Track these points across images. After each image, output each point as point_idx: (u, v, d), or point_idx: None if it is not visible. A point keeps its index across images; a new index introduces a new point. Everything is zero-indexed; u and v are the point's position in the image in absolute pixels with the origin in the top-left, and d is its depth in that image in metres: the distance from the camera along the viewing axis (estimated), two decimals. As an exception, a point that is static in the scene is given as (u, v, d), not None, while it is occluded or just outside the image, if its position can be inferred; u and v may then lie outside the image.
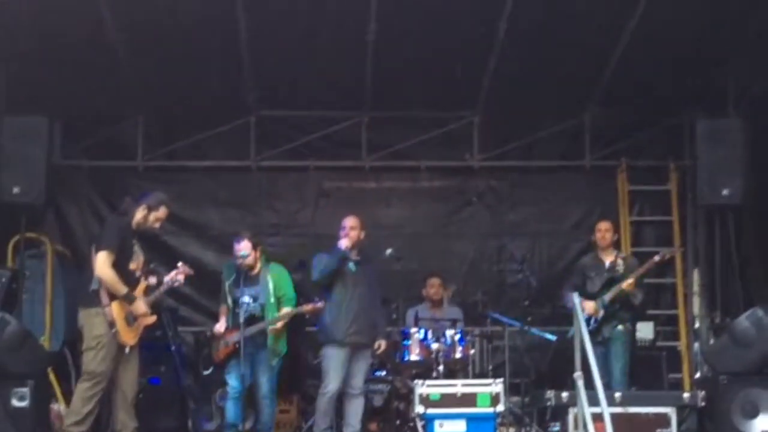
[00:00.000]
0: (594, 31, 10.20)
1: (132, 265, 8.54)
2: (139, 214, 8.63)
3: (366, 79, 10.97)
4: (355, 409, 9.40)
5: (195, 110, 11.49)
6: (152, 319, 8.73)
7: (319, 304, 9.35)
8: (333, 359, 9.33)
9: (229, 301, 9.53)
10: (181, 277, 8.93)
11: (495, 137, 11.83)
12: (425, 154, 11.81)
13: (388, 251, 9.74)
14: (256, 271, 9.53)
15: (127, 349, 8.47)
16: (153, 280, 8.85)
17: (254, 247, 9.54)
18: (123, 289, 8.36)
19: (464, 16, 9.95)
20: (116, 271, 8.34)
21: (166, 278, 8.89)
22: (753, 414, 8.91)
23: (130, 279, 8.49)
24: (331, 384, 9.29)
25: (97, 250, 8.37)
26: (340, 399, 9.55)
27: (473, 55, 10.60)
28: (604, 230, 9.97)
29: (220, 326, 9.50)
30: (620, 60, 10.54)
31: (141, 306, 8.47)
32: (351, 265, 9.41)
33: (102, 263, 8.31)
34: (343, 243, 9.38)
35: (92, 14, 9.58)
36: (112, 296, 8.36)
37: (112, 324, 8.34)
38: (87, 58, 10.19)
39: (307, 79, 10.92)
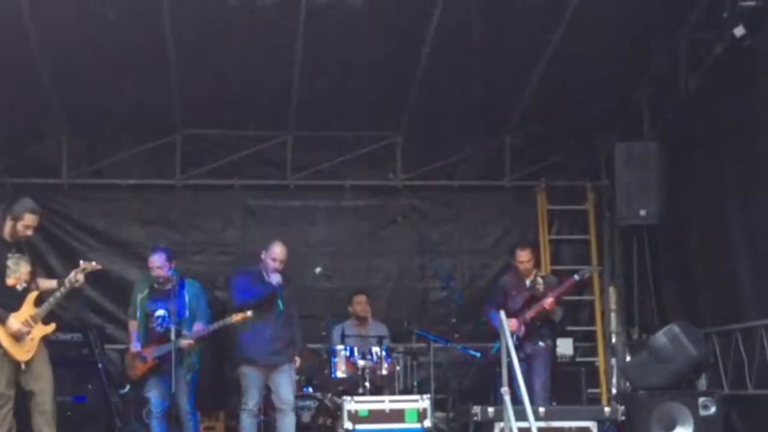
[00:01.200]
0: (514, 54, 10.51)
1: (9, 281, 8.31)
2: (7, 226, 8.39)
3: (291, 99, 11.10)
4: (287, 425, 9.41)
5: (121, 128, 11.48)
6: (48, 329, 8.47)
7: (249, 313, 9.28)
8: (251, 377, 9.40)
9: (139, 314, 9.47)
10: (80, 277, 8.51)
11: (418, 157, 12.01)
12: (349, 173, 11.96)
13: (318, 269, 9.84)
14: (170, 285, 9.48)
15: (22, 366, 8.26)
16: (52, 283, 8.59)
17: (168, 260, 9.53)
18: None
19: (388, 38, 10.17)
20: None
21: (65, 280, 8.51)
22: (670, 427, 9.19)
23: (8, 295, 8.28)
24: (251, 400, 9.35)
25: None
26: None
27: (396, 77, 10.80)
28: (525, 261, 10.14)
29: (136, 345, 9.43)
30: (539, 83, 10.85)
31: (12, 324, 8.18)
32: (280, 302, 9.45)
33: None
34: (275, 279, 9.41)
35: (16, 33, 9.55)
36: None
37: None
38: (10, 76, 10.13)
39: (232, 98, 11.00)
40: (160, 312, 9.41)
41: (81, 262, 8.67)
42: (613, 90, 11.12)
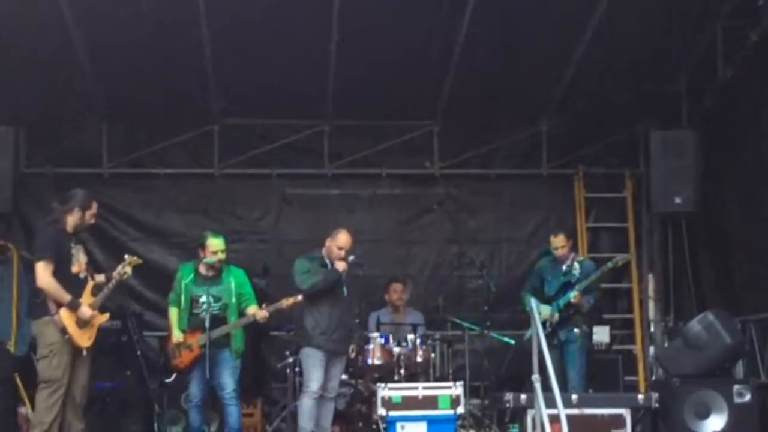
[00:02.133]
0: (551, 42, 10.49)
1: (74, 269, 8.57)
2: (75, 217, 8.64)
3: (328, 89, 11.16)
4: (327, 412, 9.48)
5: (159, 118, 11.59)
6: (104, 317, 8.75)
7: (299, 297, 9.33)
8: (313, 359, 9.37)
9: (183, 300, 9.46)
10: (128, 269, 8.74)
11: (454, 146, 12.04)
12: (386, 162, 11.99)
13: (351, 257, 9.87)
14: (216, 271, 9.52)
15: (84, 352, 8.55)
16: (101, 277, 8.83)
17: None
18: (66, 297, 8.41)
19: (425, 26, 10.21)
20: (58, 279, 8.41)
21: (114, 273, 8.74)
22: (705, 415, 9.15)
23: (74, 283, 8.53)
24: (313, 383, 9.32)
25: (35, 261, 8.47)
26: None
27: (434, 66, 10.83)
28: (559, 246, 10.14)
29: (179, 335, 9.42)
30: (577, 71, 10.84)
31: (86, 311, 8.47)
32: (344, 290, 9.48)
33: (41, 274, 8.39)
34: (341, 267, 9.44)
35: (56, 23, 9.71)
36: (60, 303, 8.44)
37: (63, 331, 8.41)
38: (51, 66, 10.32)
39: (270, 88, 11.03)
40: (206, 298, 9.39)
41: (126, 256, 8.88)
42: (652, 78, 11.04)
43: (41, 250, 8.51)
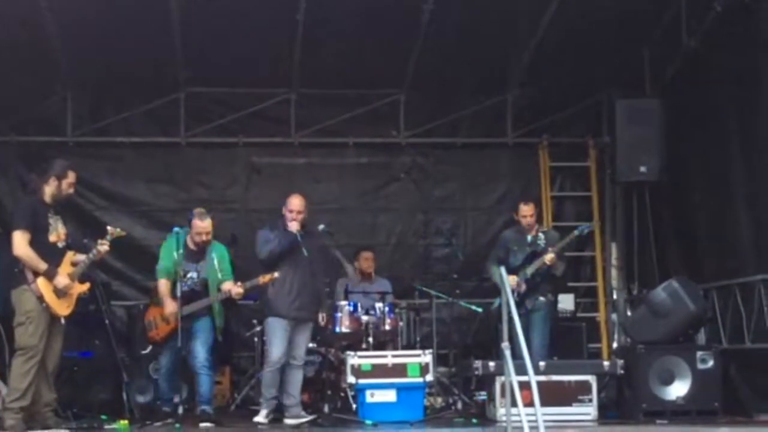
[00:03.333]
0: (516, 11, 10.53)
1: (52, 238, 8.68)
2: (51, 187, 8.76)
3: (294, 57, 11.16)
4: (295, 380, 9.51)
5: (125, 86, 11.54)
6: (84, 287, 8.89)
7: (276, 274, 9.35)
8: (277, 330, 9.41)
9: (171, 273, 9.50)
10: (106, 245, 8.83)
11: (421, 115, 12.09)
12: (353, 130, 12.03)
13: (321, 227, 9.92)
14: (202, 247, 9.60)
15: (61, 320, 8.68)
16: (81, 257, 8.93)
17: None
18: (43, 266, 8.54)
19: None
20: (35, 248, 8.53)
21: (95, 247, 8.82)
22: (669, 381, 9.30)
23: (52, 252, 8.65)
24: (276, 353, 9.38)
25: (11, 231, 8.58)
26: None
27: (401, 34, 10.84)
28: (528, 215, 10.21)
29: (173, 306, 9.42)
30: (542, 39, 10.91)
31: (62, 280, 8.60)
32: (303, 250, 9.45)
33: (18, 243, 8.53)
34: (293, 227, 9.42)
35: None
36: (36, 272, 8.54)
37: (41, 299, 8.53)
38: (15, 34, 10.20)
39: (236, 56, 11.02)
40: (191, 273, 9.53)
41: (108, 228, 8.99)
42: (616, 47, 11.12)
43: (18, 220, 8.63)
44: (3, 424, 8.56)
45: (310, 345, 10.38)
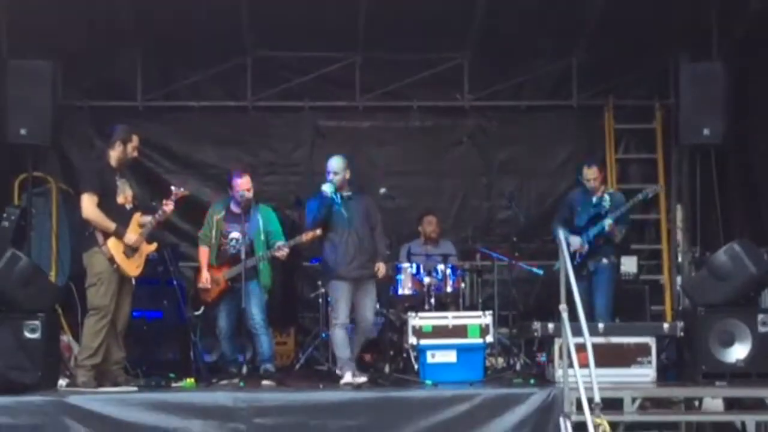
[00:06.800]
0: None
1: (119, 200, 8.97)
2: (116, 151, 9.08)
3: (359, 21, 11.21)
4: (359, 339, 9.76)
5: (193, 51, 11.69)
6: (152, 247, 9.21)
7: (318, 231, 9.53)
8: (339, 291, 9.58)
9: (214, 236, 9.74)
10: (172, 205, 9.12)
11: (485, 78, 12.10)
12: (417, 94, 12.09)
13: (382, 190, 10.02)
14: (247, 208, 9.76)
15: (132, 281, 8.99)
16: (148, 218, 9.16)
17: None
18: (111, 225, 8.84)
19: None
20: (103, 210, 8.83)
21: (161, 207, 9.12)
22: (729, 343, 9.25)
23: (119, 213, 8.95)
24: (341, 314, 9.54)
25: (80, 194, 8.90)
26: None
27: (464, -2, 10.88)
28: (592, 178, 10.20)
29: (206, 277, 9.68)
30: (608, 1, 10.81)
31: (131, 237, 8.91)
32: (339, 208, 9.54)
33: (86, 205, 8.85)
34: (326, 189, 9.54)
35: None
36: (107, 234, 8.82)
37: (111, 260, 8.83)
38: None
39: (302, 20, 11.09)
40: (235, 234, 9.70)
41: (172, 187, 9.28)
42: (682, 8, 11.00)
43: (86, 183, 8.97)
44: (75, 381, 8.91)
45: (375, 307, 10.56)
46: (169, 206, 9.10)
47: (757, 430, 9.92)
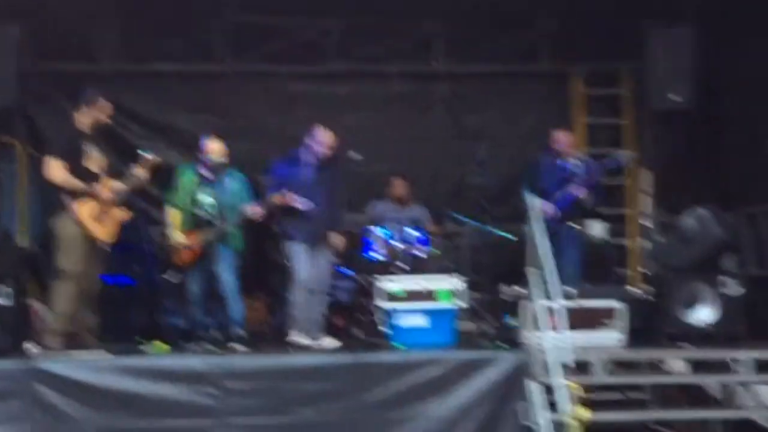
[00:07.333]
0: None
1: (88, 164, 8.93)
2: (85, 115, 9.04)
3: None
4: (318, 304, 9.81)
5: (166, 15, 11.53)
6: (124, 213, 9.16)
7: (287, 195, 9.59)
8: (298, 254, 9.71)
9: (185, 201, 9.74)
10: (142, 173, 9.16)
11: (458, 44, 12.07)
12: (391, 60, 12.06)
13: (351, 153, 10.07)
14: (219, 173, 9.80)
15: (103, 246, 8.99)
16: (120, 184, 9.15)
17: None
18: (80, 185, 8.81)
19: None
20: (72, 174, 8.80)
21: (132, 175, 9.16)
22: (695, 306, 9.41)
23: (89, 179, 8.91)
24: (302, 276, 9.65)
25: (49, 158, 8.88)
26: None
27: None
28: (563, 142, 10.30)
29: (178, 236, 9.70)
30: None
31: (104, 192, 8.88)
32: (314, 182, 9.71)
33: (53, 169, 8.81)
34: (311, 160, 9.65)
35: None
36: (77, 199, 8.79)
37: (80, 224, 8.80)
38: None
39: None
40: (206, 198, 9.73)
41: (143, 153, 9.27)
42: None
43: (55, 148, 8.93)
44: (45, 346, 8.90)
45: (346, 271, 10.64)
46: (141, 173, 9.08)
47: (722, 392, 10.08)
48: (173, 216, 9.82)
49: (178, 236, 9.69)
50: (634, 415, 9.26)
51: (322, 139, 9.75)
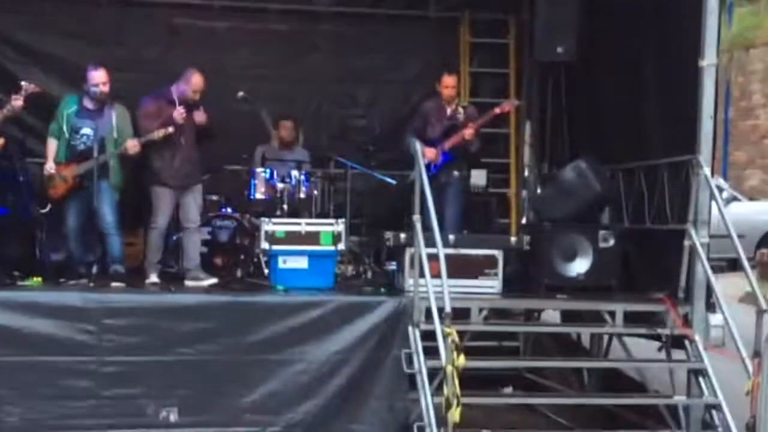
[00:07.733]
0: None
1: None
2: None
3: None
4: (193, 243, 9.76)
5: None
6: None
7: (171, 130, 9.45)
8: (161, 197, 9.64)
9: (65, 131, 9.51)
10: (20, 101, 8.89)
11: (344, -16, 12.03)
12: (275, -3, 11.93)
13: (240, 94, 9.95)
14: (100, 104, 9.57)
15: None
16: None
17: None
18: None
19: None
20: None
21: (7, 105, 8.88)
22: (571, 257, 9.61)
23: None
24: (160, 219, 9.63)
25: None
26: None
27: None
28: (450, 86, 10.34)
29: (51, 166, 9.49)
30: None
31: None
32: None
33: None
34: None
35: None
36: None
37: None
38: None
39: None
40: (87, 130, 9.49)
41: (23, 83, 8.95)
42: None
43: None
44: None
45: (227, 211, 10.56)
46: (18, 101, 8.79)
47: (591, 341, 10.40)
48: (51, 145, 9.56)
49: (50, 166, 9.45)
50: (507, 363, 9.46)
51: (194, 82, 9.60)
